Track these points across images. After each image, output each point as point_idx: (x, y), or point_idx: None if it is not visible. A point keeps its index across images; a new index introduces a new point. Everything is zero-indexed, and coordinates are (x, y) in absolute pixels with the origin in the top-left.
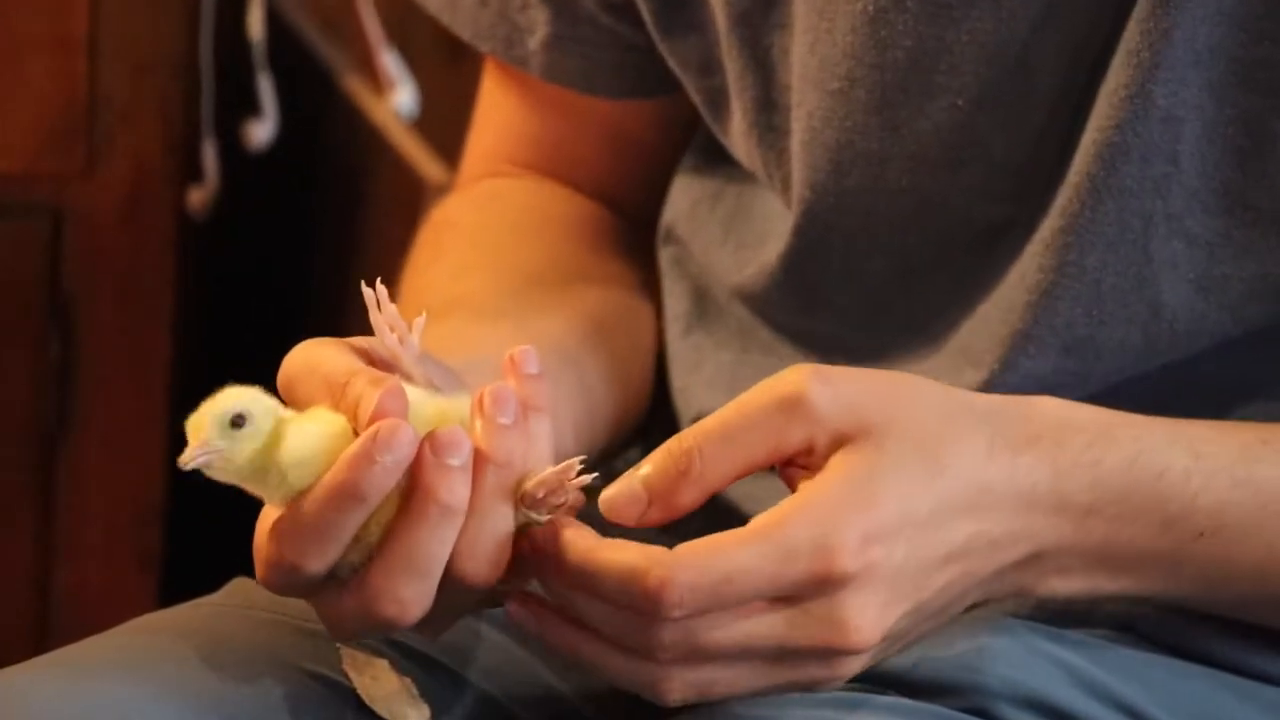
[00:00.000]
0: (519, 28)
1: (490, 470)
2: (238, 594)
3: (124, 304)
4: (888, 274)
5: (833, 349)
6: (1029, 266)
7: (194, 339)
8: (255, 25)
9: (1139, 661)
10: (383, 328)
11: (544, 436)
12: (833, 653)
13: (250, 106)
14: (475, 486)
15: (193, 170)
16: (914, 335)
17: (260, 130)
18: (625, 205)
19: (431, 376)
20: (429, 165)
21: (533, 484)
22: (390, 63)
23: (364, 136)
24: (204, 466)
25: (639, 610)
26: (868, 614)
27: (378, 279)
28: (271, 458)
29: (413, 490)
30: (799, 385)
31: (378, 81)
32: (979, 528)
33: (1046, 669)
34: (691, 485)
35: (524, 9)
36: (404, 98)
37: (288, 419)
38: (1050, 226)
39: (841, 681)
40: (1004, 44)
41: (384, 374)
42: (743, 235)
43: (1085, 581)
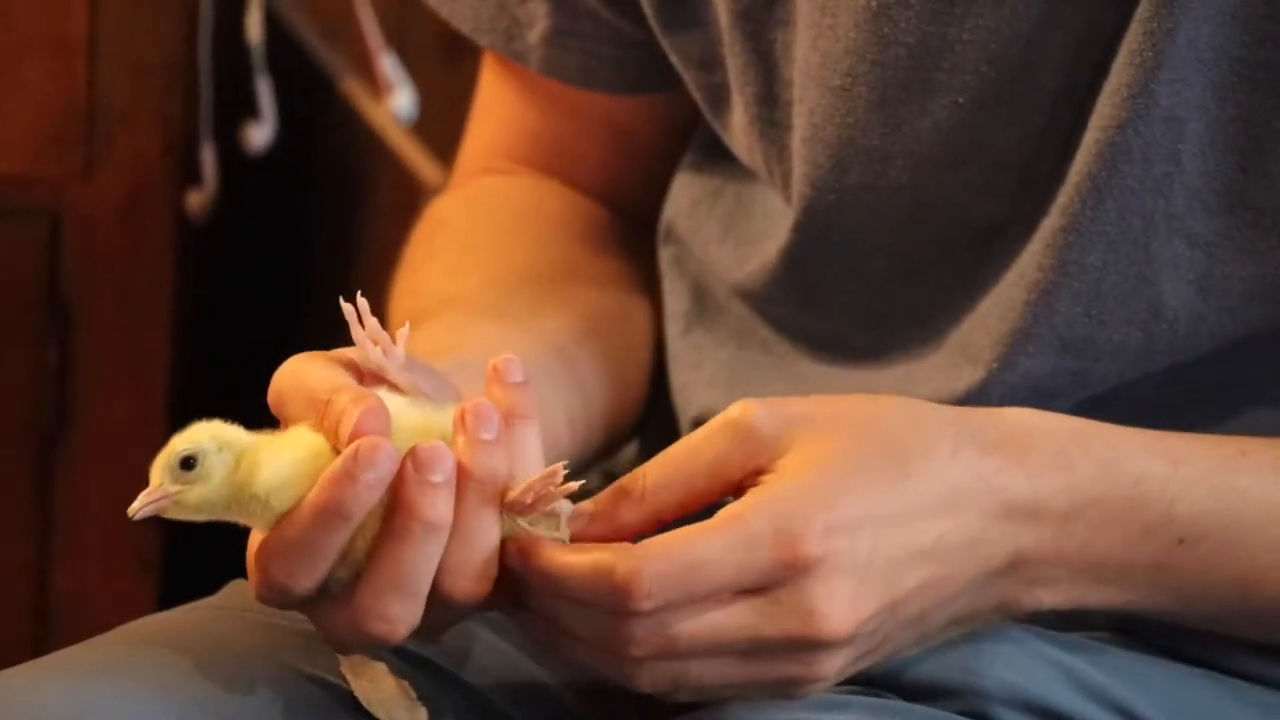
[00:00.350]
0: (519, 22)
1: (472, 486)
2: (235, 596)
3: (123, 306)
4: (888, 271)
5: (832, 346)
6: (1029, 265)
7: (192, 341)
8: (254, 28)
9: (1137, 664)
10: (365, 342)
11: (532, 443)
12: (805, 644)
13: (249, 109)
14: (459, 502)
15: (191, 173)
16: (913, 333)
17: (259, 133)
18: (624, 202)
19: (420, 384)
20: (427, 168)
21: (518, 491)
22: (389, 66)
23: (362, 139)
24: (157, 513)
25: (609, 607)
26: (836, 603)
27: (358, 292)
28: (249, 486)
29: (395, 508)
30: (742, 410)
31: (376, 84)
32: (949, 525)
33: (1044, 671)
34: (634, 504)
35: (524, 2)
36: (402, 101)
37: (262, 444)
38: (1051, 225)
39: (821, 684)
40: (1006, 42)
41: (365, 390)
42: (742, 233)
43: (1070, 592)
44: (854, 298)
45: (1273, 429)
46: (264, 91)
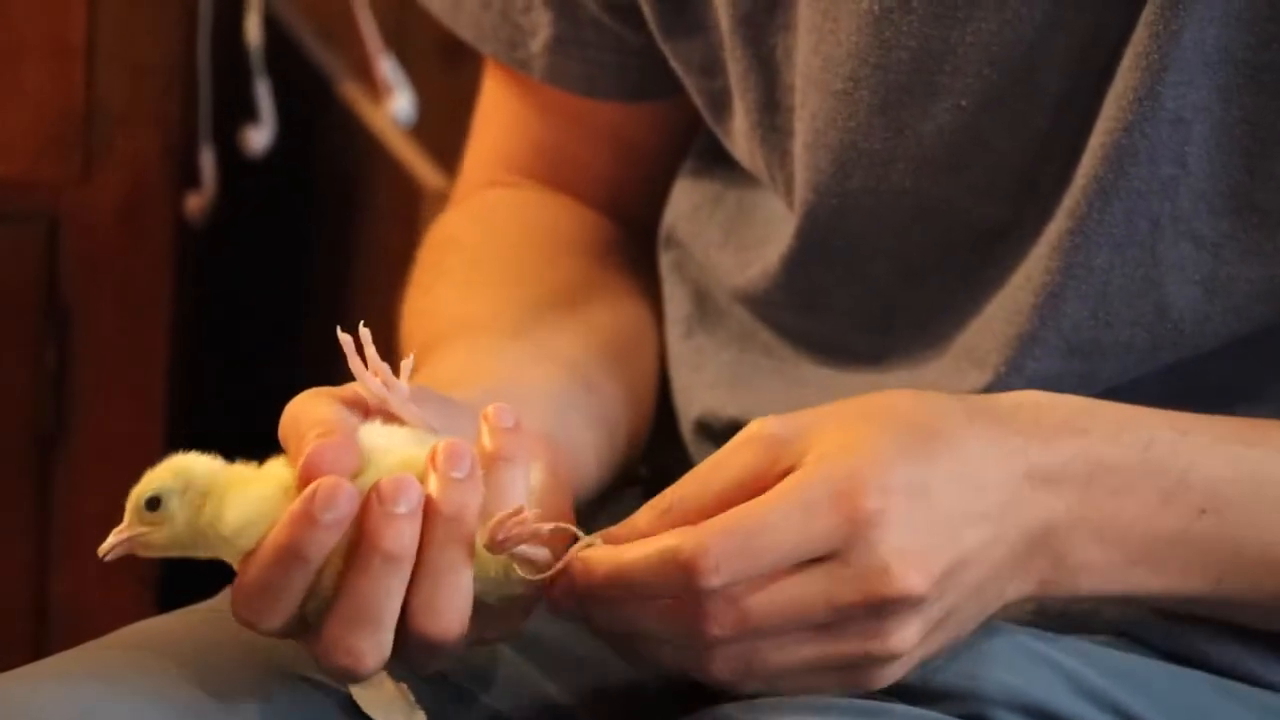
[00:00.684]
0: (522, 30)
1: (440, 522)
2: None
3: (121, 309)
4: (890, 276)
5: (835, 350)
6: (1035, 268)
7: (191, 344)
8: (253, 31)
9: (1137, 667)
10: (363, 374)
11: (517, 485)
12: (881, 606)
13: (248, 112)
14: (427, 538)
15: (190, 176)
16: (917, 337)
17: (258, 136)
18: (626, 210)
19: (426, 416)
20: (426, 171)
21: (491, 524)
22: (388, 69)
23: (362, 142)
24: (126, 553)
25: (680, 587)
26: (908, 558)
27: (360, 323)
28: (215, 525)
29: (358, 539)
30: (760, 424)
31: (375, 87)
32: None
33: (1044, 675)
34: (663, 520)
35: (527, 11)
36: (402, 104)
37: (234, 480)
38: (1057, 229)
39: (893, 667)
40: (1009, 46)
41: (338, 426)
42: (744, 238)
43: (1106, 575)
44: (856, 302)
45: None
46: (263, 94)
